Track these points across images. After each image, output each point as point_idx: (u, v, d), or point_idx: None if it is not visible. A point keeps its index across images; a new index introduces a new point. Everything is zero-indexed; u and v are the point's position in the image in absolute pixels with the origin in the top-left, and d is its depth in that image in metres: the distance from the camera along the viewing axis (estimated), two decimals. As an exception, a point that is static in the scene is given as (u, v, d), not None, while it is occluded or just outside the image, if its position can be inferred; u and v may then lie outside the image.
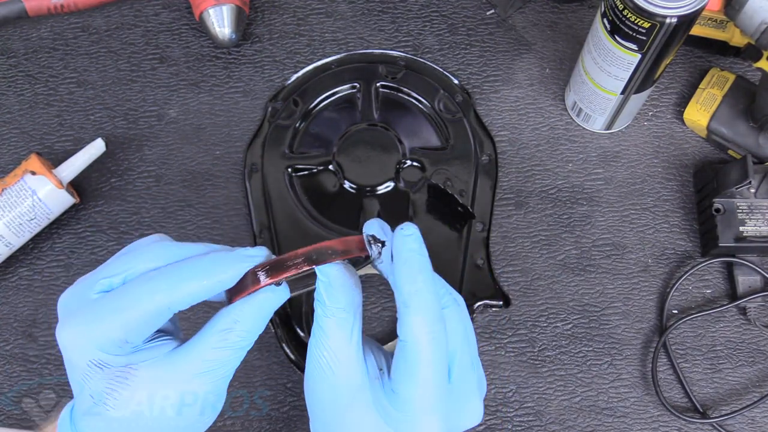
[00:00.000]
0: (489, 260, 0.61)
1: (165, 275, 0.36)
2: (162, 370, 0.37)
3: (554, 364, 0.59)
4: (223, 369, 0.37)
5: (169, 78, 0.68)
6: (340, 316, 0.37)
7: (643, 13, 0.51)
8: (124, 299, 0.36)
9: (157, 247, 0.38)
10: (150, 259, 0.37)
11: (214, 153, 0.66)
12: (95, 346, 0.36)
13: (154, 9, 0.71)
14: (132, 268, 0.37)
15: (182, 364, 0.37)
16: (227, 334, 0.37)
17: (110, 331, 0.36)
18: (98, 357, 0.36)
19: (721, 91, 0.64)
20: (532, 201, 0.64)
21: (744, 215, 0.59)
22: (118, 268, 0.38)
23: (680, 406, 0.58)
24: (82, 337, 0.37)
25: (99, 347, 0.36)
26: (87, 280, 0.38)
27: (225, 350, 0.37)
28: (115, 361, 0.37)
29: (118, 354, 0.36)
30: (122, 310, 0.36)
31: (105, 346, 0.36)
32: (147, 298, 0.36)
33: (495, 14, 0.71)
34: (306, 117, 0.66)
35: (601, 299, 0.61)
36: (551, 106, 0.67)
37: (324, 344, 0.37)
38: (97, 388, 0.37)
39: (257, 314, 0.37)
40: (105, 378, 0.37)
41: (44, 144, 0.66)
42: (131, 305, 0.36)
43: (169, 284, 0.36)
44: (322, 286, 0.37)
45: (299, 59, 0.69)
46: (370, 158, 0.64)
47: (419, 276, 0.37)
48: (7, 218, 0.59)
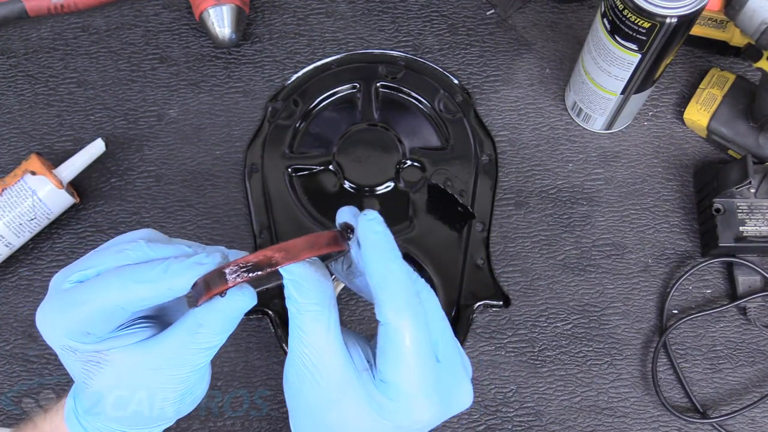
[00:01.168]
0: (489, 260, 0.61)
1: (120, 276, 0.37)
2: (132, 357, 0.38)
3: (554, 364, 0.59)
4: (190, 366, 0.38)
5: (169, 78, 0.68)
6: (314, 309, 0.36)
7: (643, 13, 0.51)
8: (84, 294, 0.37)
9: (132, 246, 0.39)
10: (122, 257, 0.38)
11: (214, 153, 0.66)
12: (63, 333, 0.38)
13: (154, 9, 0.71)
14: (105, 264, 0.38)
15: (151, 357, 0.38)
16: (193, 336, 0.37)
17: (72, 323, 0.37)
18: (67, 343, 0.38)
19: (721, 91, 0.64)
20: (532, 201, 0.64)
21: (744, 215, 0.59)
22: (94, 262, 0.39)
23: (680, 406, 0.58)
24: (51, 324, 0.38)
25: (66, 335, 0.38)
26: (69, 269, 0.39)
27: (191, 350, 0.37)
28: (84, 348, 0.38)
29: (85, 342, 0.38)
30: (81, 304, 0.37)
31: (70, 334, 0.37)
32: (102, 296, 0.37)
33: (495, 14, 0.71)
34: (306, 117, 0.66)
35: (601, 299, 0.61)
36: (551, 106, 0.67)
37: (303, 342, 0.36)
38: (75, 369, 0.39)
39: (223, 319, 0.37)
40: (79, 360, 0.38)
41: (44, 144, 0.66)
42: (88, 301, 0.37)
43: (121, 286, 0.36)
44: (291, 284, 0.36)
45: (299, 59, 0.69)
46: (370, 158, 0.64)
47: (389, 255, 0.36)
48: (7, 218, 0.59)
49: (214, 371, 0.59)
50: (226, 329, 0.37)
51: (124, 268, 0.37)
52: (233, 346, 0.60)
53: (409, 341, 0.35)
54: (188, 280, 0.36)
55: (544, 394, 0.59)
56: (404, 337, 0.35)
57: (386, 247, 0.36)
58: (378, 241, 0.37)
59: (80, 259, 0.40)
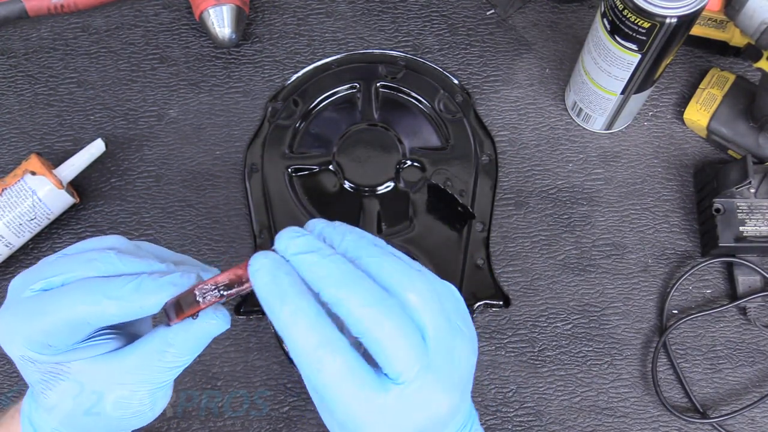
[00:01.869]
0: (489, 260, 0.61)
1: (88, 290, 0.35)
2: (94, 370, 0.37)
3: (554, 364, 0.59)
4: (153, 383, 0.37)
5: (169, 78, 0.68)
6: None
7: (643, 13, 0.51)
8: (48, 305, 0.36)
9: (102, 258, 0.37)
10: (90, 268, 0.37)
11: (214, 153, 0.66)
12: (22, 343, 0.36)
13: (154, 9, 0.71)
14: (71, 273, 0.37)
15: (114, 371, 0.37)
16: (161, 355, 0.36)
17: (33, 333, 0.36)
18: (27, 354, 0.37)
19: (721, 91, 0.64)
20: (532, 201, 0.64)
21: (744, 215, 0.59)
22: (59, 269, 0.37)
23: (680, 406, 0.58)
24: (10, 333, 0.37)
25: (26, 345, 0.36)
26: (30, 274, 0.38)
27: (157, 368, 0.37)
28: (43, 359, 0.37)
29: (45, 353, 0.36)
30: (44, 315, 0.36)
31: (30, 345, 0.36)
32: (67, 309, 0.35)
33: (495, 14, 0.71)
34: (306, 117, 0.66)
35: (601, 299, 0.61)
36: (551, 106, 0.67)
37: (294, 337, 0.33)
38: (32, 378, 0.38)
39: (194, 341, 0.36)
40: (38, 371, 0.37)
41: (44, 144, 0.66)
42: (52, 312, 0.35)
43: (89, 300, 0.35)
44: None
45: (299, 59, 0.69)
46: (370, 158, 0.64)
47: (280, 309, 0.32)
48: (7, 218, 0.59)
49: (214, 371, 0.59)
50: (196, 350, 0.37)
51: (93, 281, 0.36)
52: (233, 346, 0.60)
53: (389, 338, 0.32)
54: (161, 299, 0.35)
55: (544, 394, 0.59)
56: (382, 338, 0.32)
57: (273, 302, 0.33)
58: (263, 296, 0.33)
59: (43, 263, 0.38)
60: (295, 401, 0.58)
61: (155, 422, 0.57)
